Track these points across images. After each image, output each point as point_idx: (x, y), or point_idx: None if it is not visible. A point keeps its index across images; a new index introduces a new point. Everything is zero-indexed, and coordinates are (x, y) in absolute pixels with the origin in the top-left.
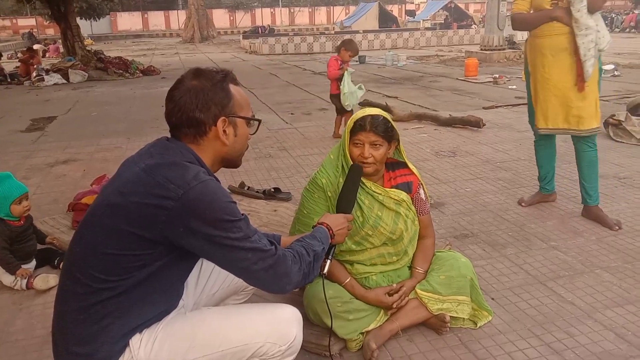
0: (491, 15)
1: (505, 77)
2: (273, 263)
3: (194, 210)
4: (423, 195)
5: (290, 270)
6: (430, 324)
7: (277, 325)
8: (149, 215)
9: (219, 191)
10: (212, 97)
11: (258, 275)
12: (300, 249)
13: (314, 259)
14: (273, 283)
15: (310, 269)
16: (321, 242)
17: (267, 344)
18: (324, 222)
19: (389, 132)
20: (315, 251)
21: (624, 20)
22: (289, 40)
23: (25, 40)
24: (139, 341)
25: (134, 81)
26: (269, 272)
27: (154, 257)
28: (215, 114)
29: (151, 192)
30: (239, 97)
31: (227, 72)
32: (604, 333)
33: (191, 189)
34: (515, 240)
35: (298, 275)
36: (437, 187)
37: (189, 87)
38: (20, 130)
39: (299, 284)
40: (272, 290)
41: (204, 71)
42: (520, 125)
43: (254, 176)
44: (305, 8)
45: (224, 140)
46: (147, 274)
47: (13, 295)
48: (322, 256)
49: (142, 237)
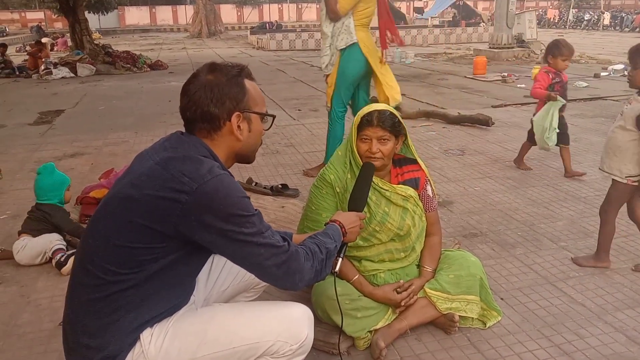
0: (500, 14)
1: (514, 76)
2: (286, 259)
3: (207, 204)
4: (430, 192)
5: (303, 267)
6: (439, 324)
7: (288, 324)
8: (163, 209)
9: (233, 186)
10: (226, 91)
11: (270, 270)
12: (313, 246)
13: (326, 257)
14: (285, 279)
15: (322, 266)
16: (334, 239)
17: (278, 342)
18: (336, 219)
19: (396, 126)
20: (328, 249)
21: (634, 19)
22: (297, 36)
23: (33, 33)
24: (150, 336)
25: (142, 75)
26: (282, 268)
27: (166, 250)
28: (229, 109)
29: (166, 185)
30: (254, 93)
31: (243, 67)
32: (614, 335)
33: (205, 182)
34: (524, 240)
35: (310, 272)
36: (446, 185)
37: (204, 82)
38: (28, 124)
39: (311, 281)
40: (284, 287)
41: (220, 65)
42: (529, 125)
43: (262, 172)
44: (312, 4)
45: (237, 136)
46: (158, 268)
47: (20, 288)
48: (334, 254)
49: (155, 230)
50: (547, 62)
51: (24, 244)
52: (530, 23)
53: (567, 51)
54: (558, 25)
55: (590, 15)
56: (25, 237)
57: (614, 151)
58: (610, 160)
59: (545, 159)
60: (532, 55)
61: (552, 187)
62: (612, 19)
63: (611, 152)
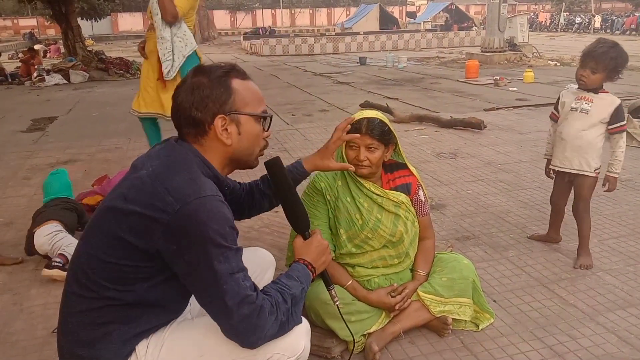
0: (492, 18)
1: (506, 79)
2: (249, 313)
3: (184, 226)
4: (422, 197)
5: (266, 322)
6: (432, 326)
7: (286, 337)
8: (145, 227)
9: (216, 211)
10: (208, 93)
11: (231, 319)
12: (276, 295)
13: (291, 305)
14: (244, 335)
15: (288, 316)
16: (299, 281)
17: (275, 354)
18: (299, 257)
19: (385, 135)
20: (293, 295)
21: (625, 22)
22: (290, 42)
23: (26, 40)
24: (146, 347)
25: (135, 82)
26: (243, 321)
27: (153, 271)
28: (213, 111)
29: (150, 202)
30: (244, 92)
31: (231, 67)
32: (606, 336)
33: (187, 204)
34: (516, 243)
35: (274, 327)
36: (439, 188)
37: (188, 85)
38: (21, 131)
39: (273, 337)
40: (241, 344)
41: (205, 67)
42: (522, 127)
43: (255, 177)
44: (306, 9)
45: (223, 140)
46: (152, 286)
47: (13, 296)
48: (302, 299)
49: (138, 248)
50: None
51: (59, 229)
52: (522, 27)
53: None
54: (550, 28)
55: (582, 19)
56: (55, 223)
57: (585, 149)
58: (581, 157)
59: (537, 161)
60: (524, 59)
61: (544, 190)
62: (603, 22)
63: (582, 150)
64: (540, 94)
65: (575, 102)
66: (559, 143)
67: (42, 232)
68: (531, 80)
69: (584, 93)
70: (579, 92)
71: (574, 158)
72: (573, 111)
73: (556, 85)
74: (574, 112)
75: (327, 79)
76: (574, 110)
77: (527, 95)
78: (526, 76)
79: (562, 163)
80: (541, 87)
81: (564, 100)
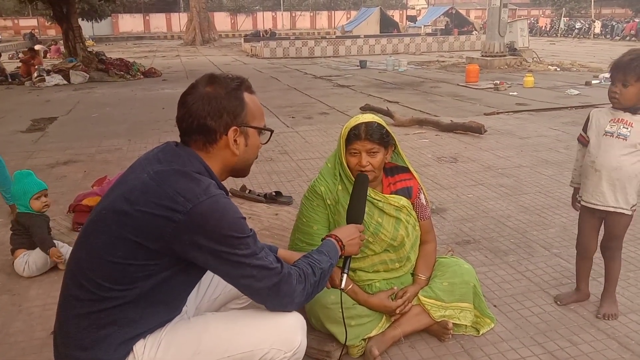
0: (492, 22)
1: (506, 84)
2: (277, 281)
3: (201, 225)
4: (423, 200)
5: (294, 290)
6: (433, 331)
7: (282, 332)
8: (155, 227)
9: (228, 207)
10: (225, 105)
11: (261, 292)
12: (306, 268)
13: (320, 277)
14: (275, 302)
15: (314, 288)
16: (329, 256)
17: (272, 350)
18: (332, 233)
19: (385, 137)
20: (322, 268)
21: (624, 28)
22: (290, 44)
23: (26, 40)
24: (143, 347)
25: (135, 83)
26: (272, 290)
27: (159, 268)
28: (227, 122)
29: (159, 203)
30: (253, 107)
31: (243, 80)
32: (607, 342)
33: (200, 203)
34: (517, 247)
35: (301, 296)
36: (439, 192)
37: (203, 94)
38: (21, 131)
39: (301, 304)
40: (273, 309)
41: (219, 78)
42: (522, 132)
43: (255, 180)
44: (306, 12)
45: (234, 150)
46: (152, 285)
47: (12, 297)
48: (329, 273)
49: (147, 248)
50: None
51: (25, 259)
52: (522, 31)
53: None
54: (550, 33)
55: (582, 24)
56: (23, 252)
57: (623, 183)
58: (619, 193)
59: (537, 166)
60: (524, 63)
61: (544, 194)
62: (603, 28)
63: (621, 184)
64: (540, 99)
65: (611, 126)
66: (591, 175)
67: (25, 270)
68: (531, 84)
69: (621, 114)
70: (614, 113)
71: (610, 193)
72: (608, 136)
73: (556, 90)
74: (610, 137)
75: (327, 81)
76: (609, 135)
77: (527, 100)
78: (526, 81)
79: (596, 199)
80: (541, 91)
81: (595, 122)
